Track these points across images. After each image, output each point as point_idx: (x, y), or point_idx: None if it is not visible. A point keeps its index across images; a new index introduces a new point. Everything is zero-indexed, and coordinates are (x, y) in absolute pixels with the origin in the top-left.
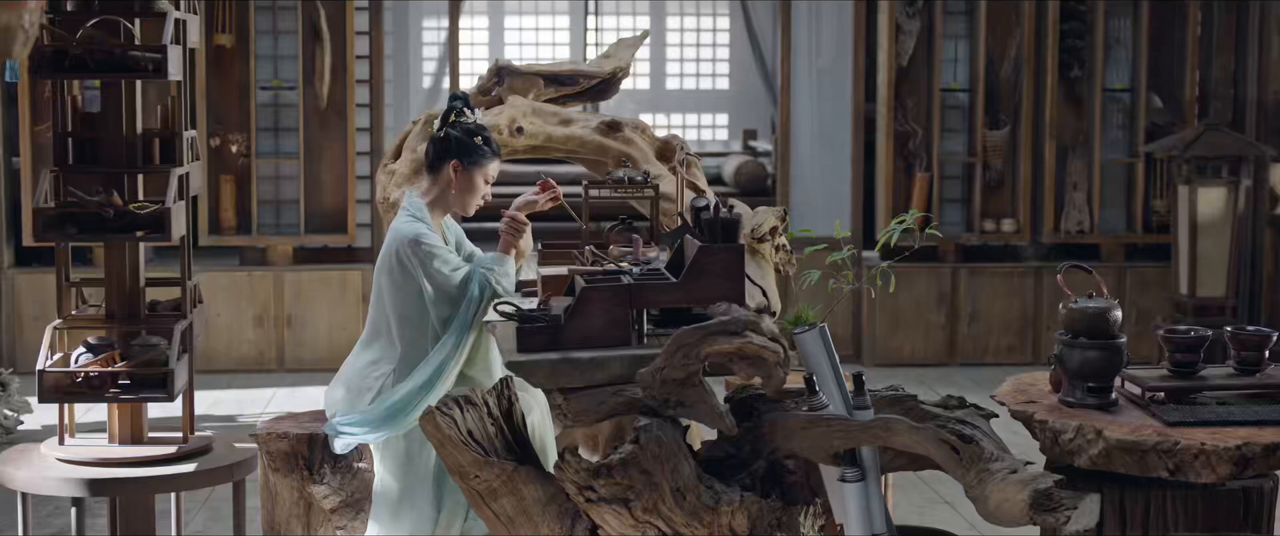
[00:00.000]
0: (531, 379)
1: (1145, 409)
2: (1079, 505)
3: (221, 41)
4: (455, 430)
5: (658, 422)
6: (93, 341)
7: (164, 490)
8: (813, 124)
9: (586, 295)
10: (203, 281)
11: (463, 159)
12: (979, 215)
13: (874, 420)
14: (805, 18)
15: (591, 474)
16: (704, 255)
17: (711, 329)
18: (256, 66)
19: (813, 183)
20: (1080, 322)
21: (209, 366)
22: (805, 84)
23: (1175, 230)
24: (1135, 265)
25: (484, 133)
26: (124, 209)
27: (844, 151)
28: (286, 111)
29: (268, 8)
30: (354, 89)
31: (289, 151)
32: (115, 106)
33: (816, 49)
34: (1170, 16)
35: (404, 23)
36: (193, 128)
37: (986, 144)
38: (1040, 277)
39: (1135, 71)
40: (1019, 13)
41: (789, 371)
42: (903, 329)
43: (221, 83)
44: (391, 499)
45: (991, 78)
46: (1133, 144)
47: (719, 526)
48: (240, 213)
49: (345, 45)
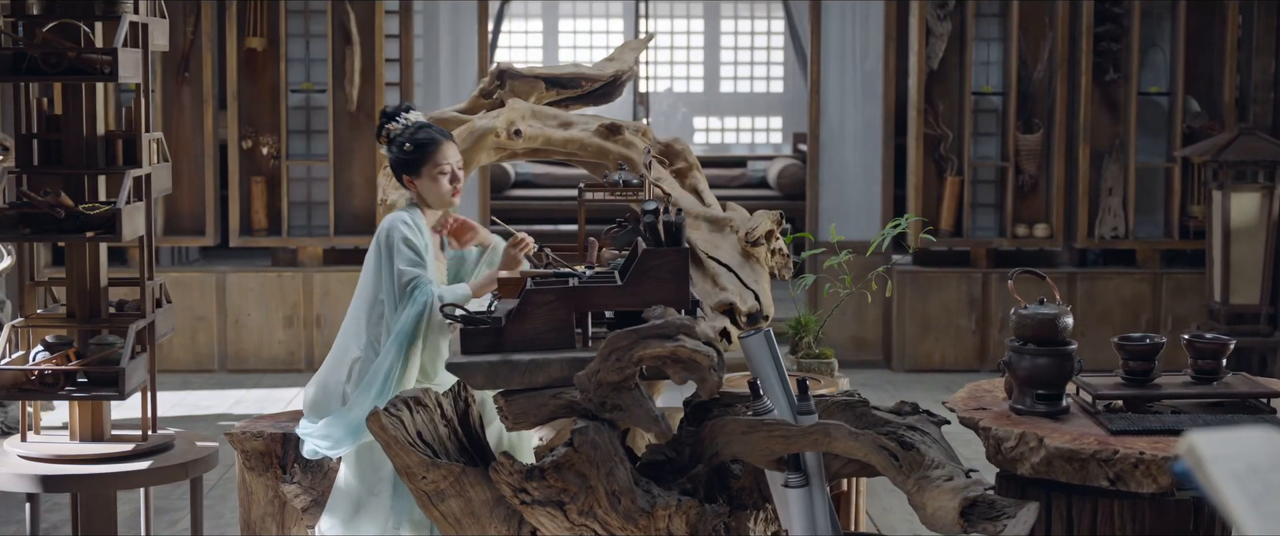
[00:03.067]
0: (471, 380)
1: (1094, 417)
2: (1017, 514)
3: (253, 45)
4: (402, 431)
5: (594, 426)
6: (50, 340)
7: (117, 487)
8: (844, 127)
9: (528, 297)
10: (235, 282)
11: (407, 172)
12: (1011, 220)
13: (814, 425)
14: (836, 20)
15: (525, 476)
16: (649, 258)
17: (643, 333)
18: (288, 70)
19: (844, 186)
20: (1029, 329)
21: (240, 366)
22: (836, 87)
23: (1209, 236)
24: (1171, 271)
25: (412, 136)
26: (74, 210)
27: (875, 155)
28: (317, 114)
29: (300, 11)
30: (383, 92)
31: (320, 153)
32: (76, 109)
33: (848, 52)
34: (1208, 18)
35: (434, 26)
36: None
37: (1019, 148)
38: (1073, 283)
39: (1172, 74)
40: (1052, 14)
41: (723, 375)
42: (933, 334)
43: (253, 86)
44: (351, 496)
45: (1025, 80)
46: (1169, 148)
47: (655, 530)
48: (271, 214)
49: (375, 48)
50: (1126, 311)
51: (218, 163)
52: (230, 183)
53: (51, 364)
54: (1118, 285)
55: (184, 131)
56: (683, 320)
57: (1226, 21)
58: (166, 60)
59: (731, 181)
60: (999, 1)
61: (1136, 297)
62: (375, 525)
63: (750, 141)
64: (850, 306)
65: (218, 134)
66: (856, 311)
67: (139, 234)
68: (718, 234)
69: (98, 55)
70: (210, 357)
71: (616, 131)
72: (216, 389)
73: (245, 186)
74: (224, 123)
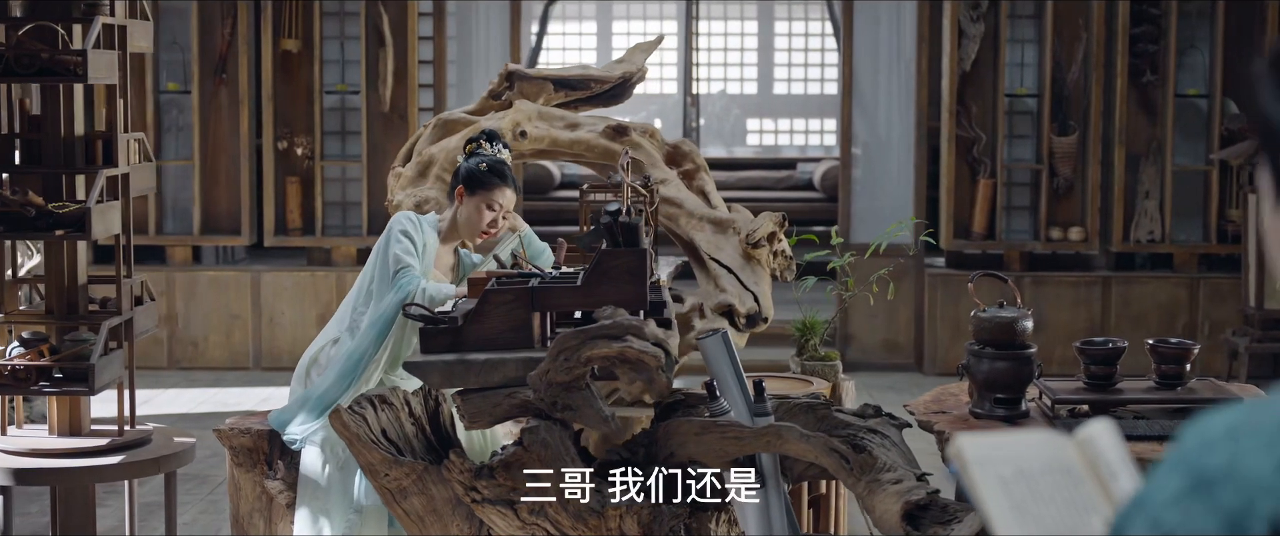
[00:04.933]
0: (427, 379)
1: (1053, 421)
2: (964, 518)
3: (288, 46)
4: (365, 428)
5: (545, 425)
6: (26, 336)
7: (88, 481)
8: (879, 129)
9: (487, 297)
10: (269, 281)
11: (468, 186)
12: (1045, 223)
13: (766, 427)
14: (870, 22)
15: (474, 474)
16: (606, 258)
17: (591, 333)
18: (323, 71)
19: (878, 188)
20: (988, 332)
21: (274, 364)
22: (872, 89)
23: (1244, 240)
24: (1209, 276)
25: (495, 163)
26: (44, 208)
27: (908, 157)
28: (351, 115)
29: (335, 13)
30: (416, 93)
31: (354, 154)
32: (53, 109)
33: (883, 53)
34: (1248, 19)
35: (468, 27)
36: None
37: (1054, 150)
38: (1108, 287)
39: (1210, 76)
40: (1088, 15)
41: (672, 376)
42: (964, 338)
43: (289, 87)
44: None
45: (1059, 82)
46: (1207, 151)
47: (607, 530)
48: (305, 214)
49: (407, 49)
50: (1163, 315)
51: (254, 163)
52: (265, 183)
53: (24, 359)
54: (1154, 289)
55: (221, 132)
56: (631, 321)
57: (1266, 23)
58: (204, 62)
59: (779, 183)
60: (1033, 2)
61: (1173, 302)
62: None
63: (804, 143)
64: (881, 309)
65: (253, 135)
66: (888, 314)
67: (113, 232)
68: (721, 235)
69: (69, 56)
70: (245, 355)
71: (623, 133)
72: (248, 386)
73: (280, 187)
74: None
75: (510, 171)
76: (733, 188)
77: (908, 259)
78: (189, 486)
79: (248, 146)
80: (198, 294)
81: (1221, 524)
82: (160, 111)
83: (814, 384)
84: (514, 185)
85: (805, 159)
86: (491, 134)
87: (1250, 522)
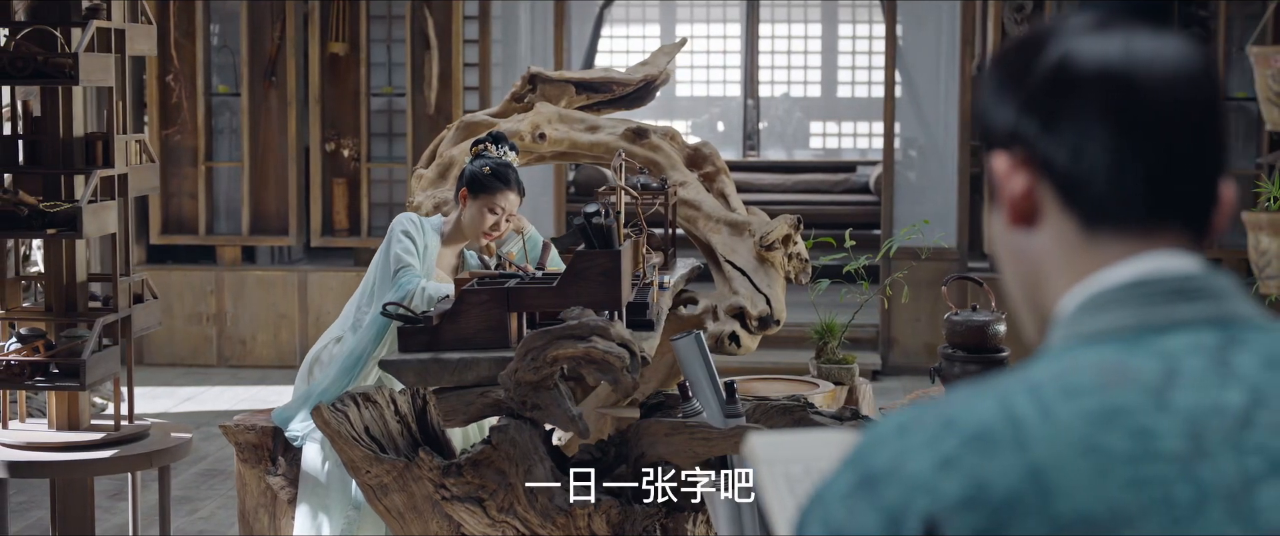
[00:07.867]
0: (403, 378)
1: None
2: None
3: (336, 50)
4: (347, 425)
5: (515, 424)
6: (23, 331)
7: (80, 474)
8: (926, 132)
9: (463, 298)
10: (316, 281)
11: (471, 189)
12: None
13: (734, 428)
14: (916, 25)
15: (443, 472)
16: (581, 260)
17: (557, 333)
18: (369, 74)
19: (925, 191)
20: (961, 335)
21: None
22: (918, 92)
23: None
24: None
25: (498, 167)
26: (36, 207)
27: (952, 160)
28: (398, 117)
29: (382, 16)
30: (461, 96)
31: (400, 156)
32: (53, 111)
33: (929, 56)
34: None
35: (514, 31)
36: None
37: None
38: None
39: None
40: None
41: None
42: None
43: (337, 89)
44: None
45: None
46: (1256, 155)
47: (576, 529)
48: (352, 215)
49: (453, 53)
50: None
51: (302, 165)
52: (312, 184)
53: (18, 355)
54: None
55: (270, 134)
56: (597, 321)
57: None
58: (253, 65)
59: (836, 186)
60: (1076, 3)
61: None
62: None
63: (866, 146)
64: (924, 312)
65: (302, 137)
66: (930, 318)
67: (108, 231)
68: (737, 238)
69: (63, 59)
70: (292, 354)
71: (643, 135)
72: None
73: (328, 188)
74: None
75: (514, 175)
76: (790, 191)
77: (953, 262)
78: (212, 481)
79: (296, 148)
80: (246, 293)
81: (881, 521)
82: (212, 114)
83: (820, 386)
84: (518, 188)
85: (865, 162)
86: (498, 136)
87: (907, 520)
